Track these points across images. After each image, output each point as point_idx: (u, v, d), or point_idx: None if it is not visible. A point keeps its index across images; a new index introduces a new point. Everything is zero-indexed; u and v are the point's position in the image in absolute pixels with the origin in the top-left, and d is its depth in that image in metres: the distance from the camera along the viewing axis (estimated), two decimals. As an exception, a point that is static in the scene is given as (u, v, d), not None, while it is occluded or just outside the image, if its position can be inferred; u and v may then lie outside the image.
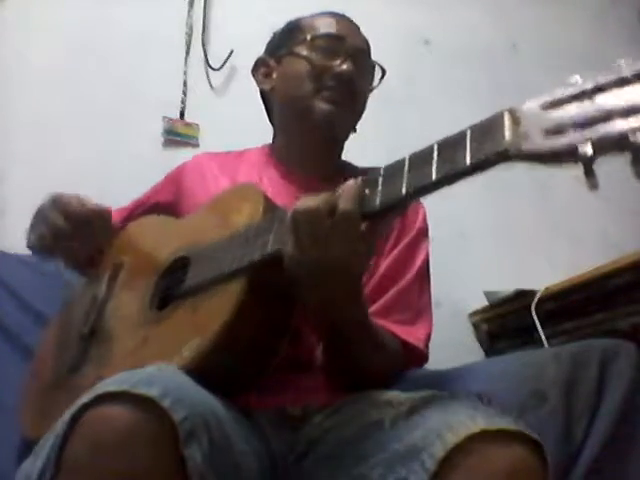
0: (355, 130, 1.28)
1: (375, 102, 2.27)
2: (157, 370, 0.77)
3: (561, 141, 0.66)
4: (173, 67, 2.05)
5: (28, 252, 1.21)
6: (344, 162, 1.32)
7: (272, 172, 1.25)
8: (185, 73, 2.05)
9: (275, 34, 1.35)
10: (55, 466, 0.71)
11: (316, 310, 0.94)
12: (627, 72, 0.65)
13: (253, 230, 0.96)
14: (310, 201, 0.84)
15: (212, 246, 1.01)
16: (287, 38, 1.29)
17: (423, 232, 1.22)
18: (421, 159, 0.79)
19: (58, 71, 1.93)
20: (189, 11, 2.10)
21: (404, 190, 0.79)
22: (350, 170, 1.26)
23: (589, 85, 0.67)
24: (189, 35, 2.08)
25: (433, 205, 1.17)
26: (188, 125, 2.01)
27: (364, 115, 1.29)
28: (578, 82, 0.68)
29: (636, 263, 1.66)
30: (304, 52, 1.23)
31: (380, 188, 0.82)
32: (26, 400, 1.14)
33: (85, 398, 0.72)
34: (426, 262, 1.19)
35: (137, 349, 0.98)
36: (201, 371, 0.82)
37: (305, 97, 1.20)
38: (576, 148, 0.64)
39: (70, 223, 1.09)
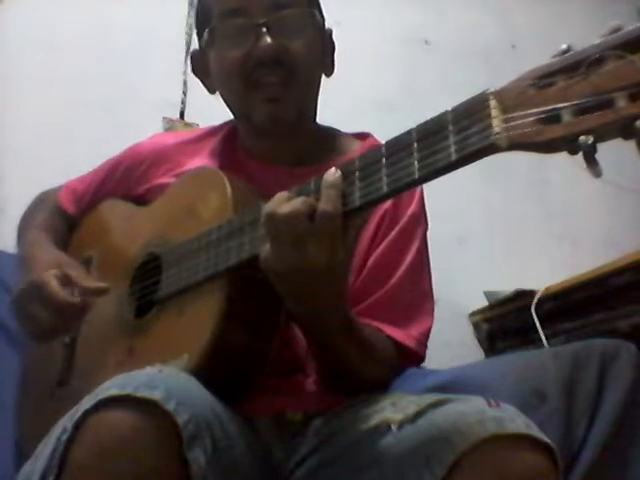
0: (328, 75, 1.13)
1: (375, 102, 2.28)
2: (158, 372, 0.76)
3: (558, 130, 0.61)
4: (173, 67, 2.05)
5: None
6: (321, 133, 1.16)
7: (240, 156, 1.13)
8: (185, 73, 2.05)
9: (195, 13, 1.15)
10: (58, 471, 0.70)
11: (298, 319, 0.90)
12: (621, 41, 0.59)
13: (225, 229, 0.91)
14: (286, 205, 0.79)
15: (183, 246, 0.98)
16: (201, 22, 1.11)
17: (417, 218, 1.08)
18: (400, 149, 0.74)
19: (58, 71, 1.93)
20: (189, 11, 2.10)
21: (385, 188, 0.74)
22: (328, 145, 1.14)
23: (582, 57, 0.61)
24: (189, 35, 2.08)
25: (433, 205, 1.16)
26: (188, 125, 2.01)
27: (363, 116, 1.26)
28: (569, 52, 0.63)
29: (636, 263, 1.66)
30: (218, 42, 1.06)
31: (358, 184, 0.77)
32: (21, 414, 1.14)
33: (87, 404, 0.71)
34: (421, 251, 1.07)
35: (124, 361, 0.96)
36: None
37: (239, 101, 1.08)
38: (576, 138, 0.59)
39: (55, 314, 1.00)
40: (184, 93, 2.04)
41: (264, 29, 1.01)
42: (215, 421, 0.75)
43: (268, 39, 1.01)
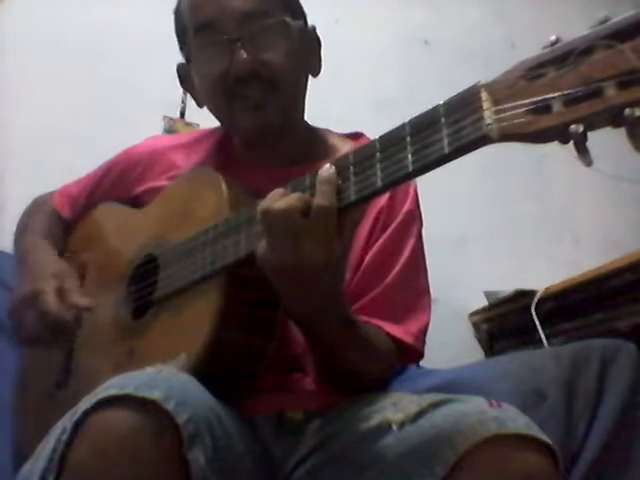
0: (315, 75, 1.12)
1: (374, 102, 2.28)
2: (158, 372, 0.76)
3: (549, 120, 0.61)
4: (173, 67, 2.05)
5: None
6: (313, 133, 1.17)
7: (234, 158, 1.13)
8: (185, 73, 2.05)
9: (174, 25, 1.16)
10: (57, 471, 0.70)
11: (296, 316, 0.89)
12: (610, 31, 0.60)
13: (222, 227, 0.91)
14: (282, 201, 0.79)
15: (180, 246, 0.98)
16: (180, 36, 1.14)
17: (412, 215, 1.08)
18: (393, 144, 0.74)
19: (58, 71, 1.93)
20: (189, 11, 2.10)
21: (380, 182, 0.74)
22: (321, 146, 1.14)
23: (571, 47, 0.61)
24: (189, 35, 2.08)
25: (433, 205, 1.16)
26: (188, 125, 2.02)
27: (363, 116, 1.25)
28: (558, 43, 0.63)
29: (636, 263, 1.66)
30: (195, 59, 1.08)
31: (353, 179, 0.77)
32: (20, 415, 1.14)
33: (87, 403, 0.71)
34: (416, 248, 1.07)
35: (123, 362, 0.97)
36: None
37: (224, 113, 1.08)
38: (567, 127, 0.60)
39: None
40: (184, 93, 2.03)
41: (238, 44, 1.01)
42: (215, 421, 0.75)
43: (244, 55, 1.01)
